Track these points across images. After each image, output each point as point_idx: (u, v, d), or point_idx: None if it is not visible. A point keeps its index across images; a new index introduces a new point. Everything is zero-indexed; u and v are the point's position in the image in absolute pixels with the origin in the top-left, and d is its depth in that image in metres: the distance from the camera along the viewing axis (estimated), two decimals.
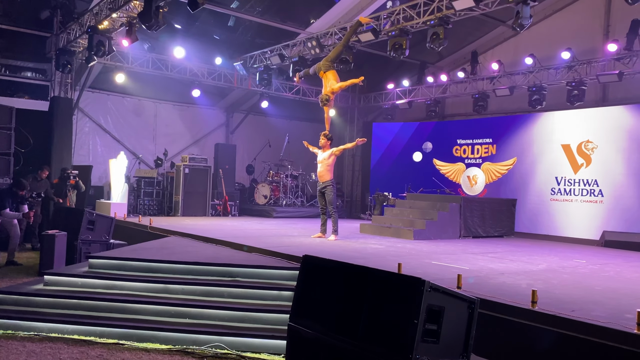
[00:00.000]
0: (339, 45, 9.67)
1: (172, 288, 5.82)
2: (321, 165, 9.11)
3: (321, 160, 9.14)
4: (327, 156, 9.05)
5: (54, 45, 12.39)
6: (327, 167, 9.05)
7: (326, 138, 9.18)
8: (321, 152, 9.21)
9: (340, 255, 6.86)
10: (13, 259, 8.86)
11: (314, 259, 4.01)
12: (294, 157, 15.95)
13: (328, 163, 9.05)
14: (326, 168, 9.05)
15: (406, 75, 15.73)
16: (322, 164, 9.09)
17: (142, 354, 4.76)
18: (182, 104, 15.86)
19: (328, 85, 9.29)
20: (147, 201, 13.54)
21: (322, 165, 9.10)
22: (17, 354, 4.58)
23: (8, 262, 8.81)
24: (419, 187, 14.36)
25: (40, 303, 5.60)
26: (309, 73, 9.88)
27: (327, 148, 9.16)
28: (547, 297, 4.65)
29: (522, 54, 13.16)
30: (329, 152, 9.07)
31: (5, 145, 10.87)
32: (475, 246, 9.10)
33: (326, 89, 9.32)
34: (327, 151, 9.12)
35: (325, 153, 9.12)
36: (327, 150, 9.14)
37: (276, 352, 4.84)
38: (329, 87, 9.24)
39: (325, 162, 9.05)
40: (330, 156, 9.05)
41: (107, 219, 8.97)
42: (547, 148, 12.77)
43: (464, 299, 3.43)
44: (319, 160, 9.19)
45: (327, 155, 9.06)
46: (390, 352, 3.16)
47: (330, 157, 9.05)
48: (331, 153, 9.06)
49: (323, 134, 9.23)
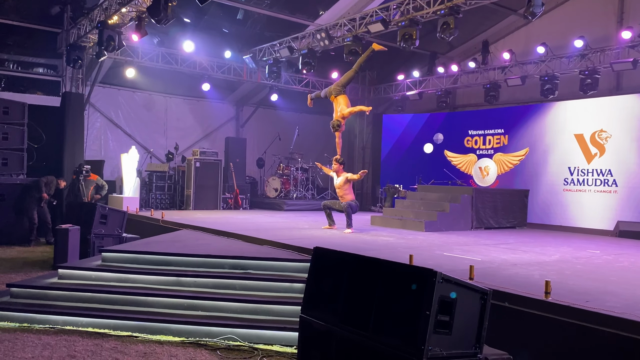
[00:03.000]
0: (351, 71, 9.70)
1: (184, 281, 5.86)
2: (339, 190, 9.21)
3: (338, 185, 9.22)
4: (342, 183, 9.13)
5: (65, 41, 12.46)
6: (345, 191, 9.14)
7: (338, 163, 9.25)
8: (336, 176, 9.30)
9: (351, 247, 6.86)
10: None
11: (325, 251, 4.00)
12: (304, 150, 15.94)
13: (345, 188, 9.14)
14: (345, 192, 9.15)
15: (416, 66, 15.62)
16: (340, 189, 9.18)
17: (155, 346, 4.80)
18: (192, 98, 15.90)
19: (339, 110, 9.42)
20: (159, 195, 13.61)
21: (340, 190, 9.20)
22: (33, 347, 4.64)
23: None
24: (430, 179, 14.29)
25: (55, 296, 5.67)
26: (320, 96, 10.01)
27: (340, 172, 9.22)
28: (560, 288, 4.61)
29: (533, 43, 13.00)
30: (343, 179, 9.12)
31: (18, 141, 11.00)
32: (487, 237, 9.05)
33: (337, 114, 9.45)
34: (341, 176, 9.18)
35: (339, 179, 9.19)
36: (341, 174, 9.19)
37: (288, 344, 4.85)
38: (340, 112, 9.37)
39: (342, 187, 9.15)
40: (345, 183, 9.12)
41: (119, 213, 9.02)
42: (559, 138, 12.63)
43: (476, 290, 3.41)
44: (336, 185, 9.30)
45: (342, 182, 9.13)
46: (402, 343, 3.15)
47: (345, 183, 9.12)
48: (345, 180, 9.11)
49: (335, 159, 9.31)
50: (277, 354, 4.71)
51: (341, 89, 9.52)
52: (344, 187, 9.12)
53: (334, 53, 13.34)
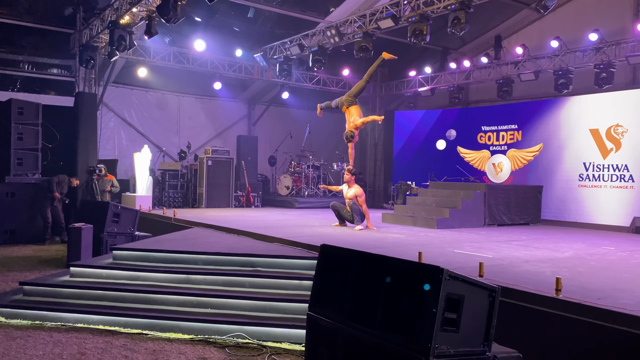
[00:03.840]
0: (362, 81, 9.68)
1: (194, 278, 5.88)
2: (349, 201, 9.17)
3: (348, 197, 9.17)
4: (352, 197, 9.08)
5: (78, 42, 12.59)
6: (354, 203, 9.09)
7: (350, 173, 9.20)
8: (346, 186, 9.24)
9: (360, 244, 6.83)
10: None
11: (332, 248, 3.98)
12: (315, 148, 15.94)
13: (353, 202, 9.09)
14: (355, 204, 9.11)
15: (428, 62, 15.50)
16: (350, 200, 9.13)
17: (165, 343, 4.82)
18: (204, 97, 15.97)
19: (351, 121, 9.39)
20: (171, 193, 13.71)
21: (350, 201, 9.15)
22: (44, 344, 4.69)
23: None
24: (442, 176, 14.18)
25: (67, 294, 5.73)
26: (331, 106, 9.99)
27: (352, 183, 9.17)
28: (572, 285, 4.54)
29: (547, 37, 12.82)
30: (353, 194, 9.06)
31: (33, 141, 11.14)
32: (499, 234, 8.95)
33: (349, 124, 9.44)
34: (351, 189, 9.11)
35: (350, 191, 9.12)
36: (352, 186, 9.13)
37: (297, 342, 4.84)
38: (352, 123, 9.35)
39: (352, 202, 9.10)
40: (354, 198, 9.06)
41: (131, 212, 9.09)
42: (574, 133, 12.44)
43: (485, 287, 3.35)
44: (346, 195, 9.23)
45: (352, 196, 9.08)
46: (409, 341, 3.12)
47: (354, 199, 9.06)
48: (355, 196, 9.05)
49: (347, 169, 9.26)
50: (285, 352, 4.71)
51: (353, 100, 9.51)
52: (353, 200, 9.10)
53: (345, 50, 13.32)
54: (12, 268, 8.01)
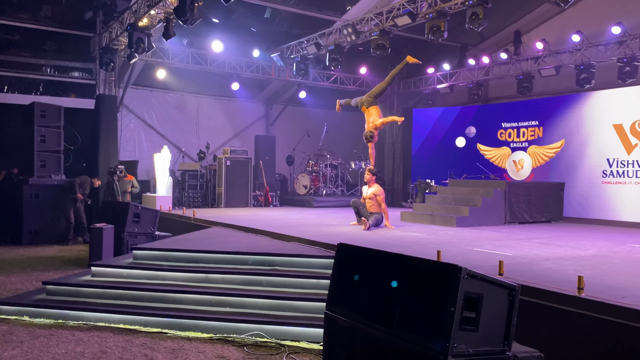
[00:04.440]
0: (383, 83, 9.68)
1: (212, 277, 5.92)
2: (369, 201, 9.13)
3: (367, 197, 9.14)
4: (371, 196, 9.05)
5: (98, 45, 12.77)
6: (373, 203, 9.06)
7: (371, 173, 9.18)
8: (366, 187, 9.23)
9: (378, 243, 6.79)
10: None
11: (349, 247, 3.96)
12: (332, 147, 15.91)
13: (372, 202, 9.06)
14: (373, 203, 9.07)
15: (446, 59, 15.35)
16: (370, 201, 9.10)
17: (184, 342, 4.86)
18: (222, 97, 16.07)
19: (370, 121, 9.38)
20: (191, 193, 13.83)
21: (369, 201, 9.12)
22: (66, 342, 4.76)
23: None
24: (462, 174, 14.04)
25: (88, 293, 5.81)
26: (350, 104, 9.97)
27: (372, 183, 9.13)
28: (595, 284, 4.45)
29: (568, 31, 12.58)
30: (372, 192, 9.03)
31: (55, 143, 11.34)
32: (520, 232, 8.83)
33: (369, 124, 9.43)
34: (371, 189, 9.09)
35: (369, 190, 9.10)
36: (372, 186, 9.10)
37: (315, 340, 4.83)
38: (372, 123, 9.33)
39: (371, 201, 9.08)
40: (373, 197, 9.03)
41: (152, 212, 9.20)
42: (597, 129, 12.19)
43: (504, 286, 3.30)
44: (365, 195, 9.21)
45: (371, 195, 9.05)
46: (427, 340, 3.09)
47: (374, 198, 9.03)
48: (374, 194, 9.02)
49: (368, 169, 9.25)
50: (303, 351, 4.71)
51: (373, 100, 9.49)
52: (373, 199, 9.07)
53: (362, 48, 13.26)
54: (36, 268, 8.17)
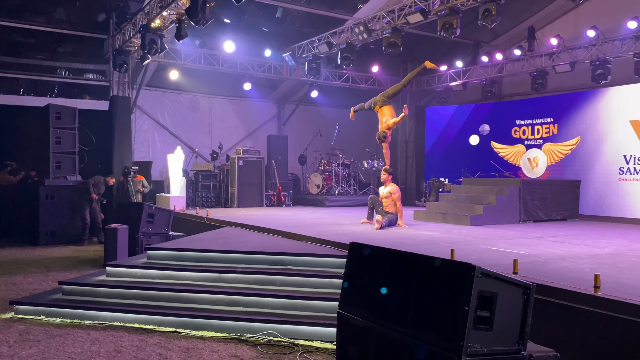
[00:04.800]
0: (399, 84, 9.69)
1: (226, 277, 5.94)
2: (385, 200, 9.10)
3: (383, 196, 9.12)
4: (387, 194, 9.03)
5: (111, 46, 12.89)
6: (389, 202, 9.04)
7: (387, 173, 9.16)
8: (382, 187, 9.22)
9: (391, 242, 6.76)
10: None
11: (361, 246, 3.95)
12: (345, 146, 15.89)
13: (390, 199, 9.03)
14: (390, 203, 9.04)
15: (459, 56, 15.24)
16: (386, 199, 9.07)
17: (198, 341, 4.88)
18: (235, 98, 16.13)
19: (383, 121, 9.36)
20: (204, 194, 13.90)
21: (386, 200, 9.09)
22: (82, 342, 4.81)
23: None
24: (476, 172, 13.93)
25: (103, 293, 5.87)
26: (364, 108, 9.96)
27: (388, 182, 9.12)
28: (612, 282, 4.38)
29: (583, 26, 12.43)
30: (388, 191, 9.02)
31: (70, 145, 11.46)
32: (535, 230, 8.73)
33: (382, 124, 9.41)
34: (387, 188, 9.07)
35: (385, 190, 9.08)
36: (388, 185, 9.09)
37: (328, 340, 4.82)
38: (385, 123, 9.31)
39: (387, 200, 9.05)
40: (388, 196, 9.01)
41: (165, 212, 9.24)
42: (613, 125, 12.02)
43: (519, 285, 3.27)
44: (382, 195, 9.19)
45: (387, 194, 9.04)
46: (441, 339, 3.07)
47: (389, 196, 9.01)
48: (389, 193, 9.01)
49: (384, 169, 9.23)
50: (317, 350, 4.70)
51: (387, 100, 9.49)
52: (388, 198, 9.04)
53: (374, 46, 13.21)
54: (52, 268, 8.27)
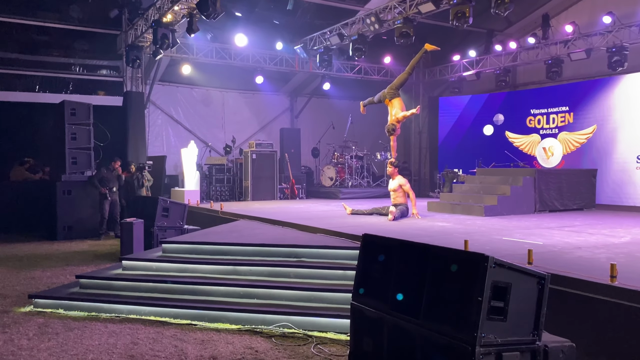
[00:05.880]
0: (404, 73, 9.58)
1: (240, 269, 5.98)
2: (393, 193, 9.10)
3: (392, 189, 9.12)
4: (396, 187, 9.02)
5: (124, 42, 12.97)
6: (399, 194, 9.04)
7: (393, 166, 9.16)
8: (391, 180, 9.21)
9: (405, 233, 6.75)
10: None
11: (374, 238, 3.95)
12: (358, 138, 15.85)
13: (399, 191, 9.04)
14: (398, 194, 9.04)
15: (472, 46, 15.07)
16: (395, 192, 9.06)
17: (213, 334, 4.92)
18: (247, 91, 16.17)
19: (393, 114, 9.32)
20: (218, 187, 13.98)
21: (394, 194, 9.08)
22: (100, 334, 4.88)
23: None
24: (490, 162, 13.82)
25: (119, 287, 5.94)
26: (374, 101, 9.92)
27: (395, 175, 9.12)
28: (629, 272, 4.33)
29: (599, 12, 12.22)
30: (397, 184, 9.01)
31: (85, 140, 11.56)
32: (551, 220, 8.65)
33: (392, 117, 9.37)
34: (395, 181, 9.07)
35: (393, 183, 9.08)
36: (395, 177, 9.09)
37: (342, 331, 4.83)
38: (394, 116, 9.28)
39: (396, 191, 9.05)
40: (398, 188, 9.00)
41: (180, 206, 9.32)
42: (631, 113, 11.83)
43: (533, 275, 3.24)
44: (390, 188, 9.20)
45: (396, 186, 9.02)
46: (454, 330, 3.06)
47: (399, 189, 9.00)
48: (399, 185, 9.00)
49: (390, 162, 9.24)
50: (331, 341, 4.72)
51: (395, 92, 9.43)
52: (398, 190, 9.02)
53: (386, 37, 13.13)
54: (70, 262, 8.39)
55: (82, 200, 11.16)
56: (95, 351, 4.45)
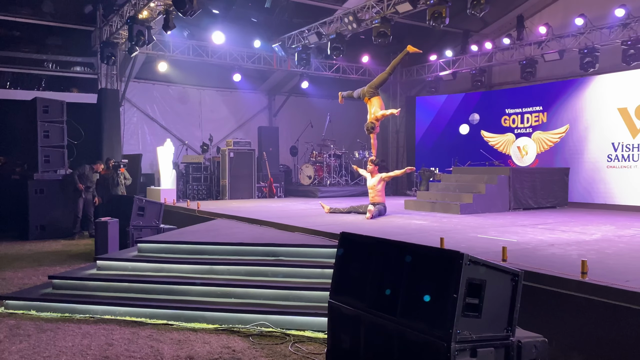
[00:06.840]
0: (384, 73, 9.63)
1: (217, 269, 5.95)
2: (372, 191, 9.10)
3: (371, 186, 9.12)
4: (377, 182, 9.03)
5: (98, 39, 12.76)
6: (377, 192, 9.06)
7: (373, 164, 9.19)
8: (370, 177, 9.20)
9: (382, 231, 6.79)
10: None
11: (352, 236, 3.97)
12: (336, 137, 15.87)
13: (378, 189, 9.05)
14: (377, 193, 9.06)
15: (449, 46, 15.22)
16: (373, 190, 9.07)
17: (189, 333, 4.88)
18: (225, 89, 16.05)
19: (372, 112, 9.35)
20: (195, 186, 13.85)
21: (372, 191, 9.09)
22: (73, 336, 4.80)
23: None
24: (466, 161, 13.99)
25: (94, 287, 5.85)
26: (353, 96, 9.92)
27: (375, 173, 9.14)
28: (599, 268, 4.44)
29: (572, 14, 12.46)
30: (378, 179, 9.04)
31: (58, 138, 11.35)
32: (525, 218, 8.80)
33: (371, 115, 9.39)
34: (375, 177, 9.09)
35: (374, 179, 9.09)
36: (375, 175, 9.11)
37: (320, 329, 4.85)
38: (373, 115, 9.31)
39: (375, 188, 9.05)
40: (380, 182, 9.03)
41: (156, 205, 9.21)
42: (602, 113, 12.10)
43: (507, 272, 3.31)
44: (369, 186, 9.19)
45: (376, 181, 9.04)
46: (430, 327, 3.10)
47: (380, 183, 9.03)
48: (380, 179, 9.03)
49: (370, 160, 9.26)
50: (308, 340, 4.73)
51: (374, 91, 9.46)
52: (377, 187, 9.04)
53: (364, 37, 13.17)
54: (43, 263, 8.23)
55: (55, 200, 10.95)
56: (68, 353, 4.38)
